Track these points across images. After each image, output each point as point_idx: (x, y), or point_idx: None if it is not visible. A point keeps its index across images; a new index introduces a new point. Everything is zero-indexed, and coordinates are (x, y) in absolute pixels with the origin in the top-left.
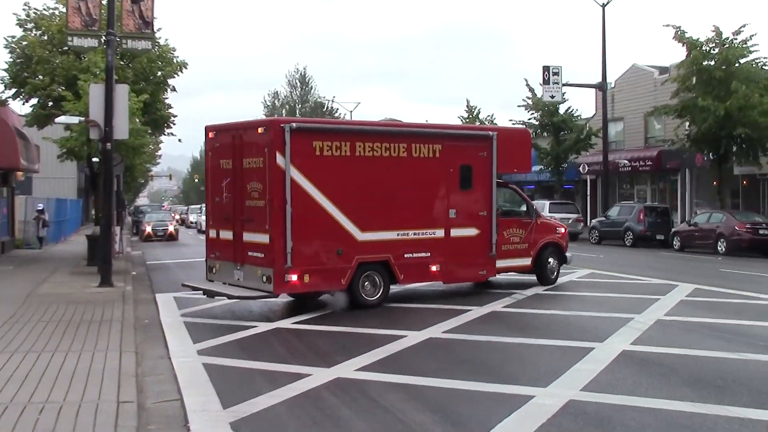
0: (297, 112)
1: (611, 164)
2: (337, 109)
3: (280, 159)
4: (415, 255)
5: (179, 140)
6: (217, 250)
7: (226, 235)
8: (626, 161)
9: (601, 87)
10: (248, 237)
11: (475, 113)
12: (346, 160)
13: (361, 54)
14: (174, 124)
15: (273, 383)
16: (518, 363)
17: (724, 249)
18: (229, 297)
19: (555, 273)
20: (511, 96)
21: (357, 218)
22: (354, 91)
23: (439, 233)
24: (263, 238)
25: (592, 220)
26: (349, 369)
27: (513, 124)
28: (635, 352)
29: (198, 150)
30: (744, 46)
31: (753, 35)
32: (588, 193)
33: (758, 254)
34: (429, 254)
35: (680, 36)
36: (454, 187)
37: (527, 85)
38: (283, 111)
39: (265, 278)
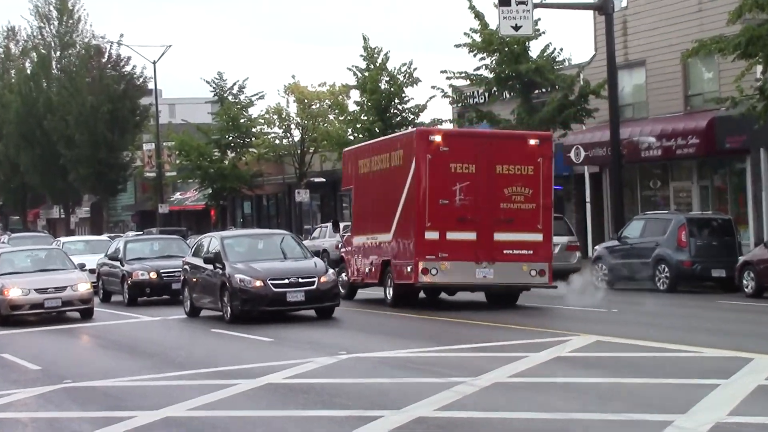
0: (53, 63)
1: (626, 145)
2: (129, 57)
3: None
4: None
5: None
6: (442, 251)
7: (461, 236)
8: (653, 139)
9: (605, 7)
10: (506, 236)
11: (381, 60)
12: None
13: None
14: None
15: None
16: None
17: None
18: (525, 288)
19: None
20: (445, 30)
21: None
22: (154, 20)
23: None
24: (533, 237)
25: (596, 247)
26: None
27: (449, 77)
28: None
29: None
30: None
31: None
32: (587, 197)
33: None
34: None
35: None
36: None
37: (471, 7)
38: (27, 62)
39: (535, 272)
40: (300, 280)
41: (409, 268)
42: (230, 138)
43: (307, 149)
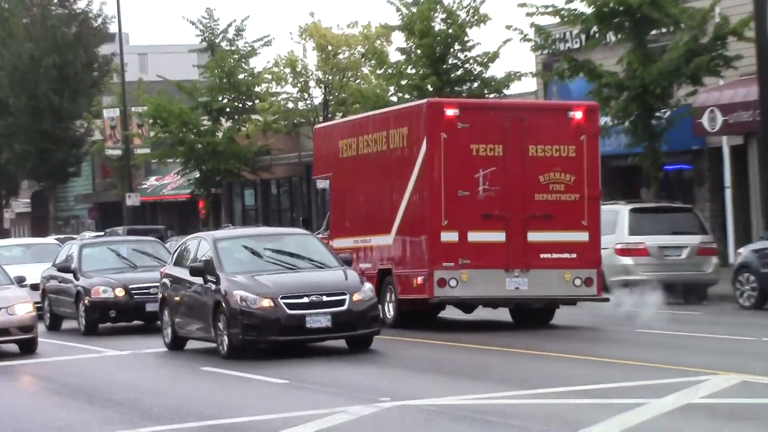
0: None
1: None
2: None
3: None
4: None
5: None
6: (463, 256)
7: (486, 236)
8: None
9: None
10: (542, 236)
11: None
12: None
13: None
14: None
15: None
16: None
17: None
18: (568, 301)
19: None
20: None
21: None
22: None
23: None
24: (576, 236)
25: (740, 250)
26: None
27: (530, 14)
28: None
29: None
30: None
31: None
32: (727, 181)
33: None
34: None
35: None
36: None
37: None
38: None
39: (580, 281)
40: (324, 298)
41: (419, 279)
42: (225, 101)
43: (333, 115)
